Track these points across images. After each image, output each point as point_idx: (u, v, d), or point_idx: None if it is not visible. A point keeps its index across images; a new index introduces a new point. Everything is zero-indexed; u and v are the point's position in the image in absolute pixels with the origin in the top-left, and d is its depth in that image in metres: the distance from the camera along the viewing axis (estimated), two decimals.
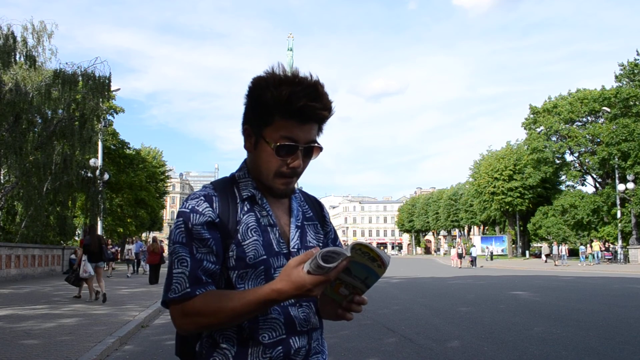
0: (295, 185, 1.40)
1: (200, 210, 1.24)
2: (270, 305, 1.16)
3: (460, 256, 34.88)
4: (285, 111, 1.22)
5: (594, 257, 34.34)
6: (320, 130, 1.32)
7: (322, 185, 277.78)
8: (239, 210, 1.28)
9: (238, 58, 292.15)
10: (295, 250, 1.30)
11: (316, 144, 1.28)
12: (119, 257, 26.43)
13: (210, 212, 1.24)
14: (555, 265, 33.16)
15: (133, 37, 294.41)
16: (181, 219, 1.24)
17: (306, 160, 1.29)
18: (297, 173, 1.28)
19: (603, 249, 35.62)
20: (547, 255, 38.61)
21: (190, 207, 1.24)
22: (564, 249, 36.44)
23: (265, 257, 1.25)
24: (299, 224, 1.35)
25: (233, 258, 1.24)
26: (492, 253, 35.53)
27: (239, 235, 1.25)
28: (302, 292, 1.09)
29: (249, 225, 1.27)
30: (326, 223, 1.47)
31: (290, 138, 1.23)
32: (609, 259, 34.80)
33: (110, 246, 21.29)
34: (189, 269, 1.20)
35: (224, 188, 1.31)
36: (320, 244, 1.38)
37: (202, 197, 1.26)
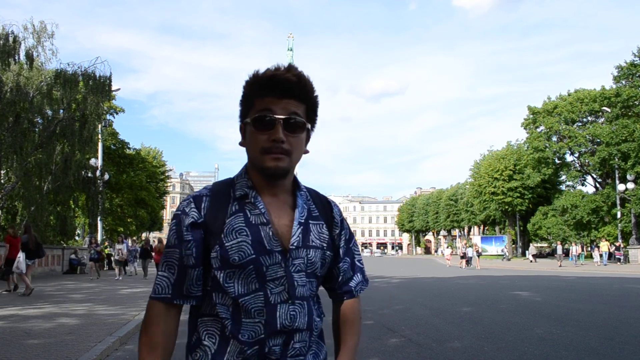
0: (296, 176, 1.40)
1: (187, 211, 1.28)
2: None
3: (463, 256, 34.48)
4: (258, 88, 1.27)
5: (601, 257, 33.61)
6: (311, 112, 1.33)
7: (322, 185, 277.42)
8: (228, 211, 1.28)
9: (238, 58, 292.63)
10: (294, 247, 1.28)
11: (298, 117, 1.27)
12: (105, 257, 25.85)
13: (195, 212, 1.27)
14: (560, 265, 32.81)
15: (134, 38, 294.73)
16: (174, 221, 1.29)
17: (292, 136, 1.27)
18: (283, 149, 1.25)
19: (612, 249, 34.93)
20: (534, 256, 40.06)
21: (181, 209, 1.30)
22: (576, 249, 35.91)
23: (254, 256, 1.24)
24: (303, 221, 1.32)
25: (217, 259, 1.25)
26: (478, 252, 35.45)
27: (222, 236, 1.25)
28: None
29: (234, 226, 1.26)
30: (336, 223, 1.43)
31: (266, 110, 1.25)
32: (619, 259, 33.92)
33: (94, 244, 21.20)
34: (175, 275, 1.26)
35: (220, 189, 1.33)
36: (325, 245, 1.35)
37: (191, 199, 1.30)
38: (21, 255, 12.10)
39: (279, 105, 1.26)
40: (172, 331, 1.28)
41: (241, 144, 1.34)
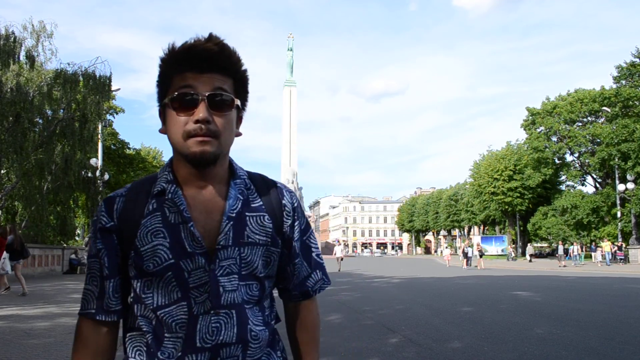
0: (233, 161, 1.21)
1: (98, 216, 1.15)
2: None
3: (465, 256, 34.21)
4: (176, 63, 1.10)
5: (604, 258, 33.45)
6: (240, 87, 1.16)
7: (322, 185, 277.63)
8: (145, 211, 1.12)
9: None
10: (220, 247, 1.10)
11: (225, 92, 1.10)
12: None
13: (104, 217, 1.14)
14: (561, 266, 32.71)
15: (134, 38, 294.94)
16: (91, 227, 1.18)
17: (219, 115, 1.09)
18: (210, 130, 1.07)
19: (615, 249, 34.81)
20: (532, 255, 40.54)
21: (96, 215, 1.17)
22: (576, 248, 35.81)
23: (172, 261, 1.08)
24: (234, 215, 1.12)
25: (133, 267, 1.11)
26: (481, 251, 35.43)
27: (136, 240, 1.10)
28: None
29: (150, 228, 1.10)
30: (287, 213, 1.22)
31: (185, 87, 1.08)
32: (622, 260, 33.77)
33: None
34: (98, 288, 1.14)
35: (140, 186, 1.17)
36: (268, 240, 1.15)
37: (103, 202, 1.16)
38: (5, 256, 12.22)
39: (200, 80, 1.08)
40: (104, 351, 1.14)
41: (161, 130, 1.15)
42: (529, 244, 46.23)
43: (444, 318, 8.87)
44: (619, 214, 37.53)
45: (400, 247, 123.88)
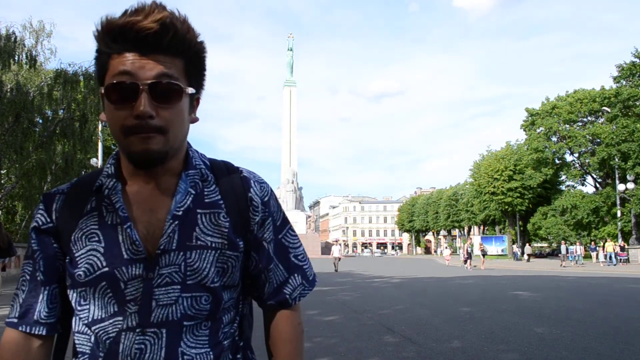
0: (191, 149, 1.03)
1: (35, 215, 1.00)
2: None
3: (469, 256, 33.85)
4: (111, 41, 0.89)
5: (606, 258, 33.16)
6: (193, 67, 0.95)
7: (322, 185, 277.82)
8: (83, 211, 0.97)
9: (239, 59, 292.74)
10: (161, 251, 0.93)
11: (171, 79, 0.90)
12: None
13: (41, 215, 0.99)
14: (563, 266, 32.60)
15: None
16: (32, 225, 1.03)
17: (165, 107, 0.90)
18: (153, 126, 0.88)
19: (617, 249, 34.69)
20: (529, 255, 40.82)
21: (34, 213, 1.02)
22: (578, 248, 35.59)
23: (106, 269, 0.92)
24: (179, 213, 0.94)
25: (68, 274, 0.96)
26: (484, 251, 35.32)
27: (71, 244, 0.96)
28: None
29: (85, 230, 0.95)
30: (254, 208, 1.01)
31: (122, 73, 0.89)
32: (624, 260, 33.42)
33: None
34: (24, 295, 0.98)
35: (84, 181, 1.01)
36: (225, 242, 0.97)
37: (42, 199, 1.02)
38: None
39: (141, 64, 0.89)
40: None
41: (102, 118, 0.97)
42: (526, 244, 46.23)
43: (444, 318, 8.86)
44: (619, 214, 37.53)
45: (400, 247, 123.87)
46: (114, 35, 0.89)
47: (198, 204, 0.97)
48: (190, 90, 0.94)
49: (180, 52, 0.92)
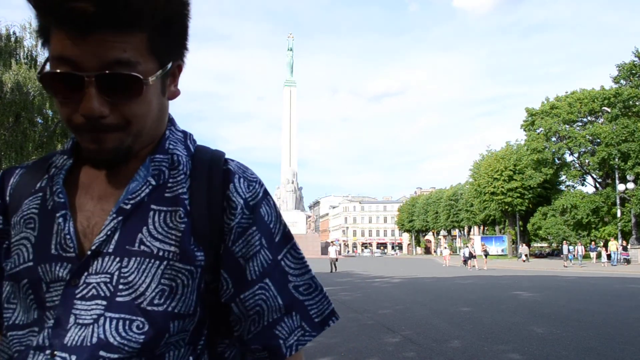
0: (175, 130, 0.83)
1: None
2: None
3: (471, 256, 33.73)
4: (49, 13, 0.66)
5: (609, 258, 33.14)
6: (166, 36, 0.71)
7: (322, 185, 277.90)
8: (31, 190, 0.80)
9: (240, 59, 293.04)
10: (92, 252, 0.71)
11: (122, 72, 0.67)
12: None
13: None
14: (566, 265, 32.56)
15: None
16: None
17: (123, 104, 0.69)
18: (105, 125, 0.69)
19: (620, 249, 34.54)
20: (526, 255, 41.11)
21: None
22: (579, 249, 35.40)
23: (30, 264, 0.73)
24: (127, 207, 0.73)
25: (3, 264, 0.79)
26: (486, 251, 35.26)
27: (11, 227, 0.79)
28: None
29: (25, 213, 0.77)
30: (232, 209, 0.76)
31: (60, 59, 0.68)
32: (625, 260, 33.24)
33: None
34: None
35: (49, 157, 0.82)
36: (177, 252, 0.72)
37: (1, 175, 0.86)
38: None
39: (84, 47, 0.66)
40: None
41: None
42: (524, 244, 46.24)
43: (444, 318, 8.87)
44: (618, 214, 37.53)
45: (400, 247, 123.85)
46: (51, 8, 0.64)
47: (155, 198, 0.74)
48: (158, 73, 0.71)
49: (139, 24, 0.67)
